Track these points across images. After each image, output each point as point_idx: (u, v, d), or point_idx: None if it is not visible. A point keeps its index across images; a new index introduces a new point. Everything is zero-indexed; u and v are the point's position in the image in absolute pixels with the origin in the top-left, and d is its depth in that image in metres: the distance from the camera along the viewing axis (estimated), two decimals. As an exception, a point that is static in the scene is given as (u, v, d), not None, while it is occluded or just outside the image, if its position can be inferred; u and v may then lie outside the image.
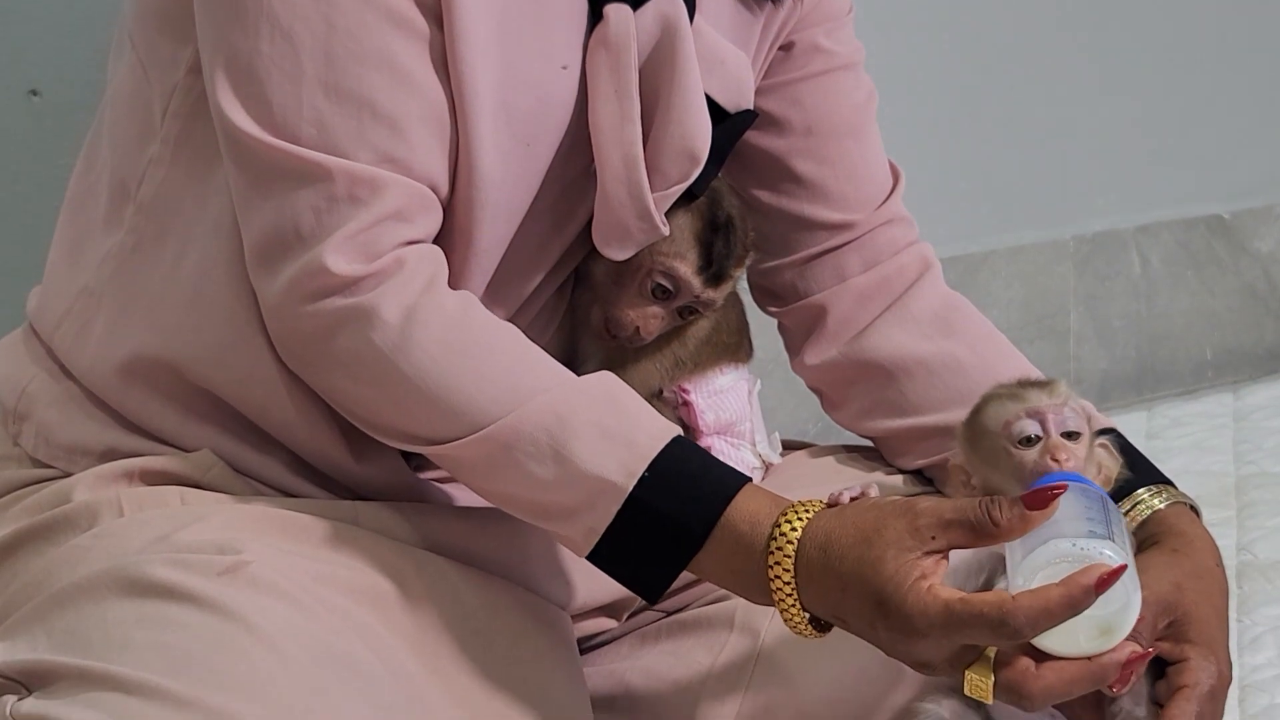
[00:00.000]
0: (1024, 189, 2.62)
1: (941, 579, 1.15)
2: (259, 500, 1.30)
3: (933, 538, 1.15)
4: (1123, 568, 1.13)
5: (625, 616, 1.47)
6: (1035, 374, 1.36)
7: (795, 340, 1.52)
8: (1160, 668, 1.26)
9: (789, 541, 1.18)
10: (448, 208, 1.28)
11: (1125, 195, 2.71)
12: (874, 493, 1.22)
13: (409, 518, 1.33)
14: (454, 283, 1.28)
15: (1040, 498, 1.14)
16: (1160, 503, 1.35)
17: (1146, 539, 1.32)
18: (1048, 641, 1.14)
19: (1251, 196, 2.81)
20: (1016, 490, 1.18)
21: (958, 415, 1.30)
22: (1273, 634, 1.65)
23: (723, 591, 1.47)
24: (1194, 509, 1.37)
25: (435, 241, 1.28)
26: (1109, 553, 1.13)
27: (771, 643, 1.40)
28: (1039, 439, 1.23)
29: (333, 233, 1.23)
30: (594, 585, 1.41)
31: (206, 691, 1.13)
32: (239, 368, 1.30)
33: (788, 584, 1.19)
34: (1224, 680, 1.26)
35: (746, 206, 1.44)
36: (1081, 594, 1.12)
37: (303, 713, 1.13)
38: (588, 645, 1.46)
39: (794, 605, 1.19)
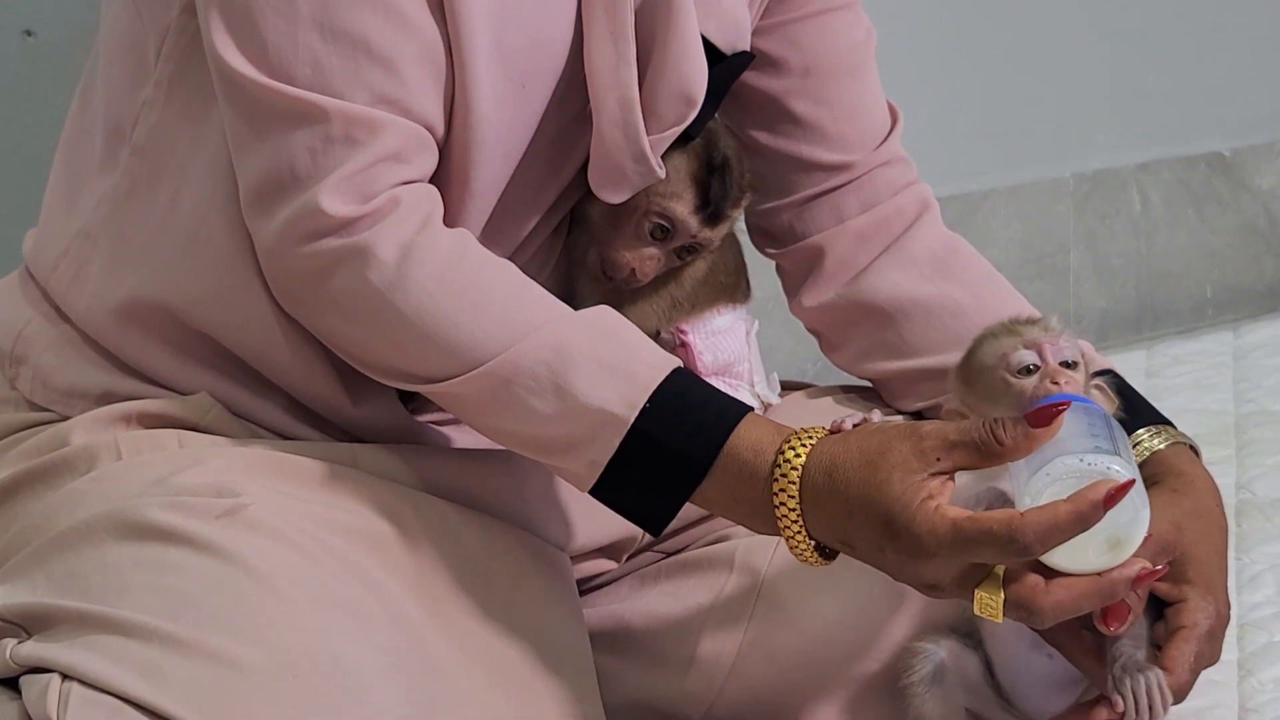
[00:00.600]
0: (1023, 127, 2.61)
1: (949, 499, 1.15)
2: (257, 443, 1.30)
3: (938, 459, 1.15)
4: (1131, 482, 1.12)
5: (625, 557, 1.47)
6: (1032, 313, 1.36)
7: (793, 282, 1.52)
8: (1159, 609, 1.26)
9: (793, 468, 1.18)
10: (443, 149, 1.28)
11: (1125, 133, 2.70)
12: (876, 418, 1.21)
13: (407, 460, 1.33)
14: (450, 224, 1.27)
15: (1044, 415, 1.13)
16: (1160, 443, 1.35)
17: (1146, 480, 1.31)
18: (1056, 558, 1.14)
19: (1252, 133, 2.80)
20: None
21: (956, 357, 1.29)
22: (1271, 572, 1.66)
23: (723, 531, 1.48)
24: (1193, 449, 1.37)
25: (432, 183, 1.27)
26: (1116, 467, 1.13)
27: (771, 582, 1.40)
28: (1037, 368, 1.23)
29: (329, 174, 1.22)
30: (593, 526, 1.41)
31: (205, 634, 1.13)
32: (235, 310, 1.30)
33: (793, 510, 1.19)
34: (1222, 620, 1.26)
35: (744, 147, 1.44)
36: (1090, 509, 1.11)
37: (302, 654, 1.13)
38: (587, 586, 1.46)
39: (800, 533, 1.19)
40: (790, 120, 1.47)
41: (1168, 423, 1.38)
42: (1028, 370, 1.23)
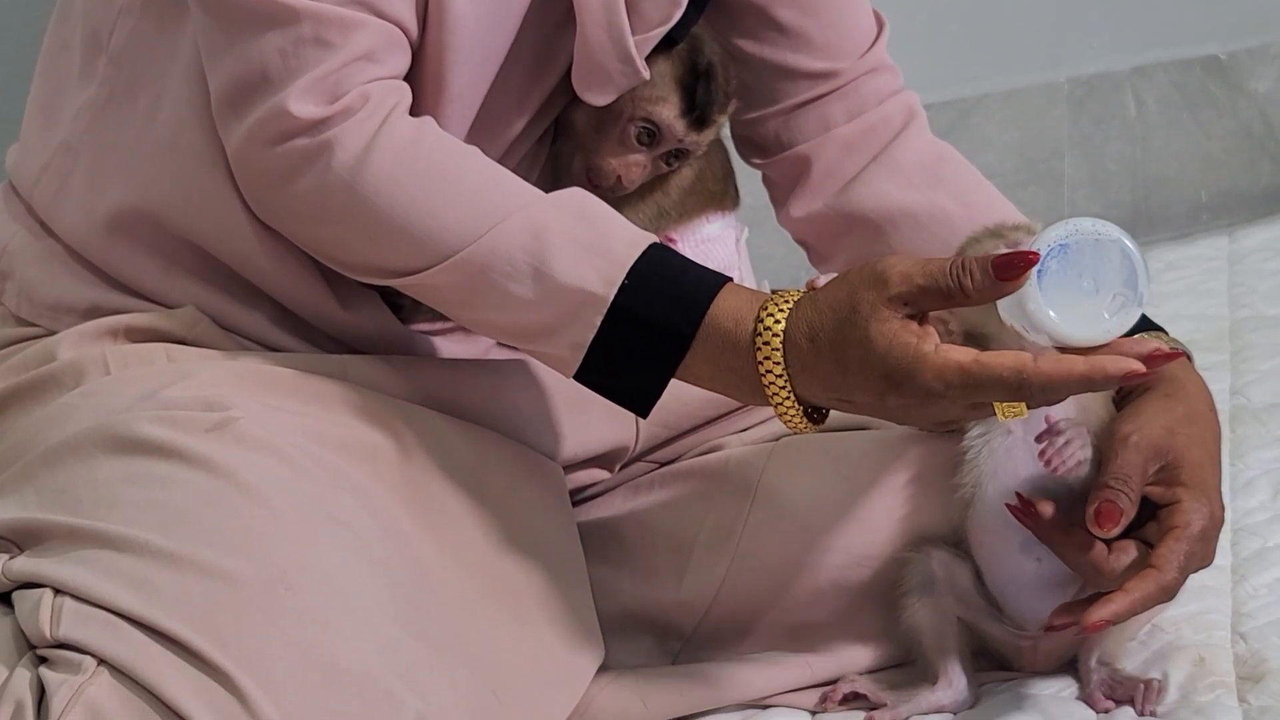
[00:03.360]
0: (1017, 31, 2.60)
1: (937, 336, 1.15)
2: (246, 356, 1.30)
3: (905, 304, 1.15)
4: (1161, 354, 1.13)
5: (618, 468, 1.47)
6: (1021, 219, 1.35)
7: (780, 193, 1.51)
8: (1152, 510, 1.26)
9: (774, 335, 1.18)
10: (419, 50, 1.27)
11: (1120, 36, 2.68)
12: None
13: (398, 371, 1.33)
14: None
15: (1011, 265, 1.12)
16: (1154, 346, 1.35)
17: (1139, 386, 1.32)
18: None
19: (1248, 35, 2.78)
20: (1002, 331, 1.17)
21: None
22: (1265, 477, 1.66)
23: (715, 441, 1.48)
24: (1186, 355, 1.37)
25: (408, 84, 1.26)
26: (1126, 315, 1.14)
27: (764, 492, 1.40)
28: None
29: (300, 75, 1.21)
30: (586, 436, 1.41)
31: (197, 547, 1.13)
32: (218, 216, 1.29)
33: (779, 378, 1.19)
34: (1215, 522, 1.26)
35: (729, 55, 1.43)
36: (1103, 379, 1.12)
37: (294, 567, 1.13)
38: (580, 497, 1.46)
39: (788, 399, 1.19)
40: (775, 28, 1.46)
41: (1160, 329, 1.37)
42: None
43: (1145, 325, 1.36)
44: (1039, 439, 1.27)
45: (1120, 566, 1.24)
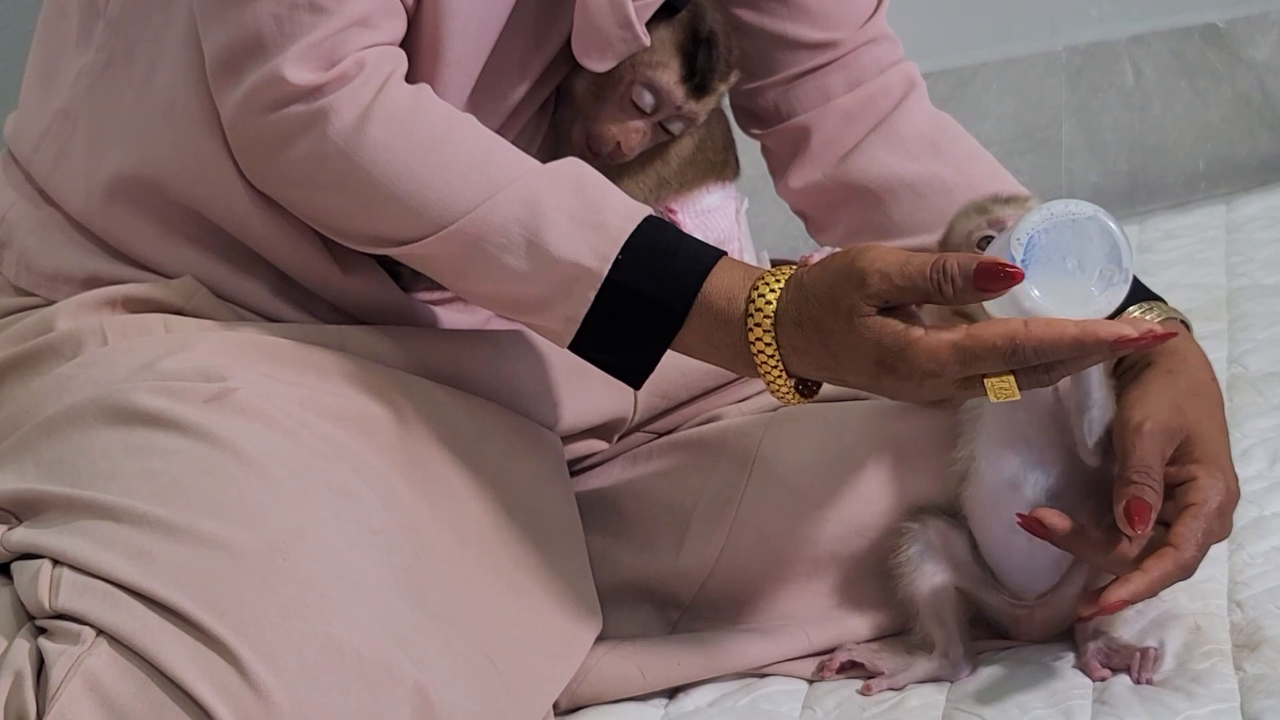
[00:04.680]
0: (1015, 0, 2.59)
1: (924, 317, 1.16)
2: (244, 326, 1.30)
3: (885, 302, 1.15)
4: (1154, 334, 1.13)
5: (616, 438, 1.47)
6: (1015, 189, 1.35)
7: (779, 163, 1.51)
8: (1167, 488, 1.25)
9: (765, 316, 1.18)
10: (415, 18, 1.27)
11: (1118, 4, 2.68)
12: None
13: (396, 342, 1.33)
14: None
15: (992, 275, 1.12)
16: (1153, 319, 1.35)
17: (1141, 358, 1.32)
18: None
19: (1246, 4, 2.78)
20: (981, 313, 1.17)
21: (943, 237, 1.29)
22: (1263, 446, 1.66)
23: (714, 412, 1.48)
24: (1185, 324, 1.37)
25: (405, 50, 1.26)
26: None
27: (762, 462, 1.40)
28: None
29: (294, 41, 1.21)
30: (584, 406, 1.41)
31: (196, 517, 1.13)
32: (217, 181, 1.29)
33: (772, 357, 1.19)
34: (1232, 496, 1.26)
35: (730, 25, 1.42)
36: (1094, 344, 1.12)
37: (292, 537, 1.13)
38: (579, 467, 1.46)
39: (779, 375, 1.20)
40: None
41: (1159, 299, 1.37)
42: (989, 243, 1.23)
43: (1144, 294, 1.36)
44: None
45: (1139, 548, 1.24)
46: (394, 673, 1.11)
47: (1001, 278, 1.12)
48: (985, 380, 1.15)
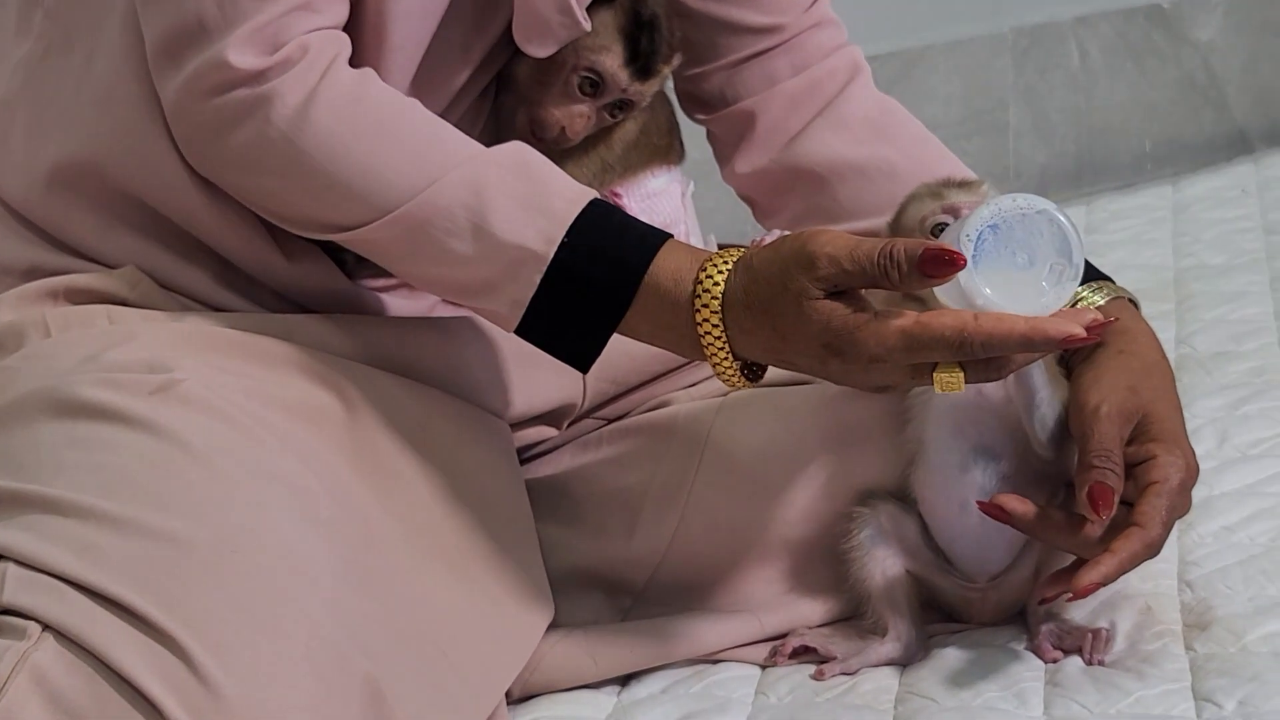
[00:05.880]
0: (960, -18, 2.60)
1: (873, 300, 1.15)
2: (189, 317, 1.29)
3: (834, 285, 1.15)
4: (1100, 323, 1.13)
5: (565, 425, 1.47)
6: (966, 174, 1.35)
7: (725, 148, 1.50)
8: (1126, 468, 1.26)
9: (714, 297, 1.18)
10: (358, 3, 1.26)
11: (1063, -15, 2.69)
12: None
13: (343, 330, 1.32)
14: None
15: (939, 264, 1.12)
16: (1101, 299, 1.35)
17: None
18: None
19: (1191, -16, 2.79)
20: (934, 300, 1.17)
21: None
22: (1211, 426, 1.66)
23: (664, 397, 1.48)
24: (1133, 302, 1.37)
25: (348, 35, 1.25)
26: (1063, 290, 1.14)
27: (713, 448, 1.40)
28: None
29: (237, 25, 1.20)
30: (533, 393, 1.40)
31: (142, 511, 1.12)
32: (158, 168, 1.28)
33: (718, 339, 1.19)
34: (1192, 472, 1.27)
35: (672, 8, 1.42)
36: (1043, 341, 1.12)
37: (239, 529, 1.13)
38: (528, 455, 1.46)
39: (726, 358, 1.19)
40: None
41: (1108, 279, 1.37)
42: (942, 229, 1.23)
43: (1092, 275, 1.36)
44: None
45: (1102, 529, 1.24)
46: (344, 664, 1.11)
47: (946, 263, 1.12)
48: (934, 374, 1.14)
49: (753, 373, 1.22)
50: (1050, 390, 1.27)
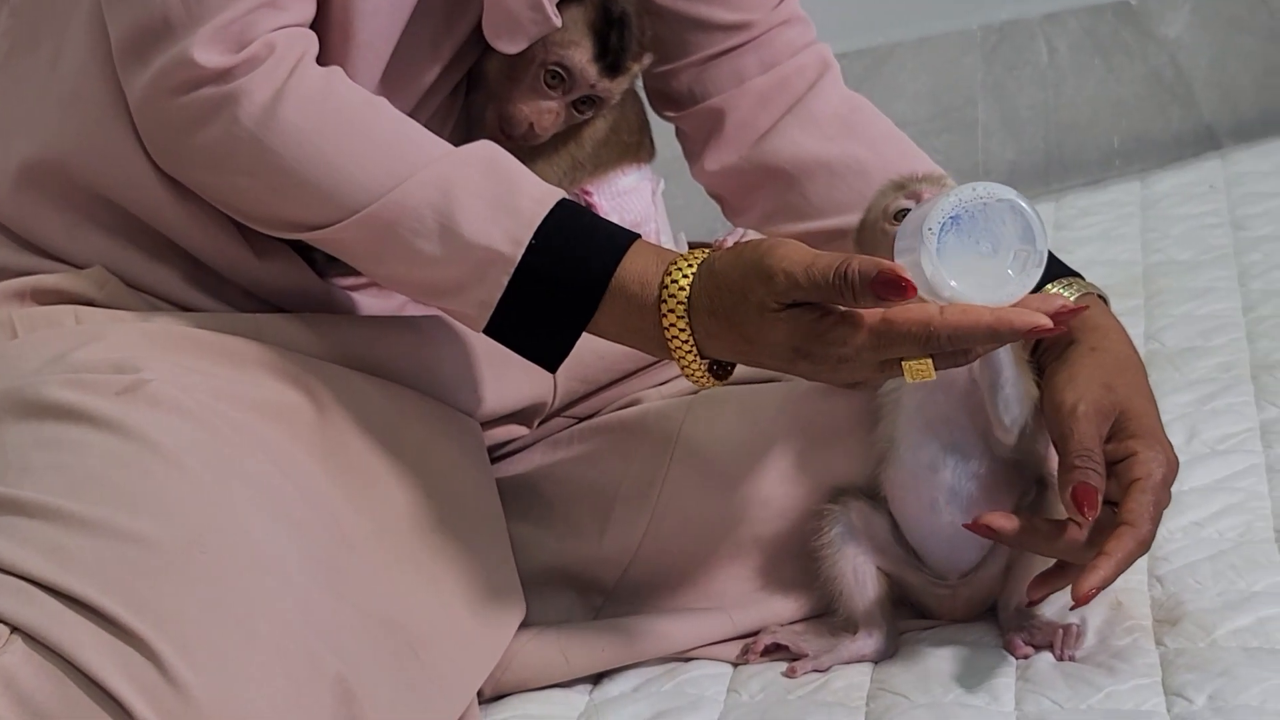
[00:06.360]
0: (929, -22, 2.60)
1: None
2: (157, 317, 1.28)
3: (793, 299, 1.15)
4: (1068, 309, 1.13)
5: (536, 423, 1.46)
6: (933, 169, 1.35)
7: (694, 146, 1.50)
8: (1109, 467, 1.25)
9: (680, 302, 1.18)
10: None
11: (1032, -18, 2.69)
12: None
13: (313, 329, 1.32)
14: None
15: (892, 288, 1.12)
16: (1071, 295, 1.35)
17: (1062, 335, 1.32)
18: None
19: (1158, -19, 2.80)
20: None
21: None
22: (1181, 421, 1.67)
23: (634, 395, 1.47)
24: (1103, 298, 1.37)
25: (315, 32, 1.25)
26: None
27: (684, 446, 1.40)
28: None
29: (203, 23, 1.20)
30: (503, 392, 1.40)
31: (110, 511, 1.12)
32: (125, 166, 1.27)
33: (685, 342, 1.19)
34: (1173, 466, 1.26)
35: (643, 6, 1.42)
36: (1008, 332, 1.12)
37: (209, 529, 1.12)
38: (499, 453, 1.46)
39: (693, 359, 1.20)
40: None
41: (1076, 275, 1.37)
42: (903, 215, 1.22)
43: (1061, 271, 1.36)
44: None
45: (1088, 531, 1.24)
46: (315, 664, 1.10)
47: (899, 288, 1.11)
48: (903, 364, 1.14)
49: (721, 371, 1.22)
50: (1015, 371, 1.27)
